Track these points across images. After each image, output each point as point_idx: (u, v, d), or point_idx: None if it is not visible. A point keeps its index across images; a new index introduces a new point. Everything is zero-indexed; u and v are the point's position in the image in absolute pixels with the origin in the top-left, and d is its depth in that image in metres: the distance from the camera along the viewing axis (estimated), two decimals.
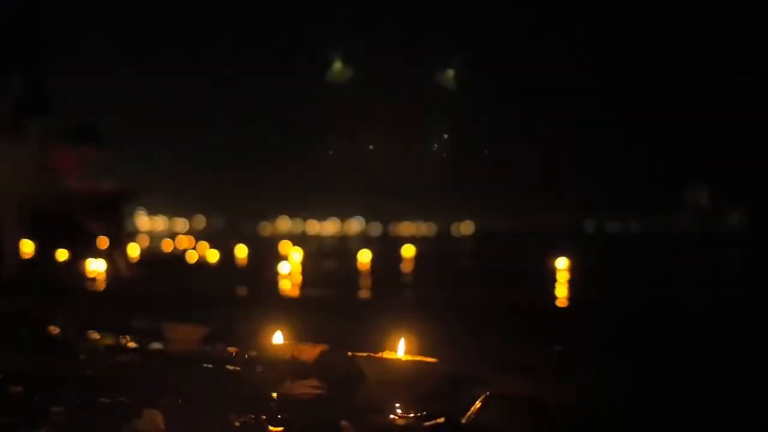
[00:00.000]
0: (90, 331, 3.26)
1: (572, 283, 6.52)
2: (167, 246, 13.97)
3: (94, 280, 6.39)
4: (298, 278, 6.77)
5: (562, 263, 7.58)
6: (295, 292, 5.71)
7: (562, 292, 5.93)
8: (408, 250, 11.40)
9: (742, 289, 6.84)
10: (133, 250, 9.66)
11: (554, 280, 6.65)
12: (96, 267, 6.98)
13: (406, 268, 9.21)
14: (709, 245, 19.06)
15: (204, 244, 11.98)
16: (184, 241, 15.43)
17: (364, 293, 6.07)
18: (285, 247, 11.63)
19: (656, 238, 27.46)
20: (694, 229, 29.53)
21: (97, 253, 7.75)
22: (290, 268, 7.25)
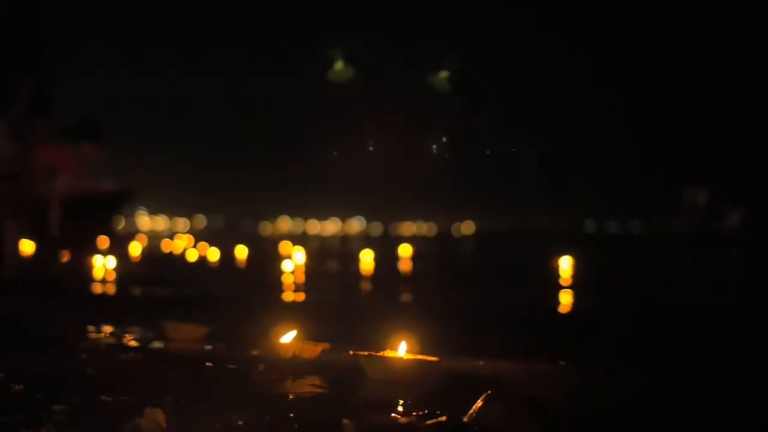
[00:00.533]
0: (91, 330, 3.26)
1: (576, 284, 6.46)
2: (167, 246, 13.96)
3: (95, 278, 6.39)
4: (301, 277, 6.76)
5: (565, 263, 7.47)
6: (297, 291, 5.69)
7: (565, 291, 5.89)
8: (405, 250, 11.37)
9: (742, 290, 6.82)
10: (135, 249, 9.68)
11: (558, 280, 6.58)
12: (99, 265, 6.99)
13: (406, 267, 9.20)
14: (709, 245, 19.04)
15: (204, 245, 11.96)
16: (183, 241, 15.42)
17: (365, 293, 6.06)
18: (285, 247, 11.63)
19: (656, 238, 27.42)
20: (694, 228, 29.49)
21: (97, 252, 7.76)
22: (293, 267, 7.23)
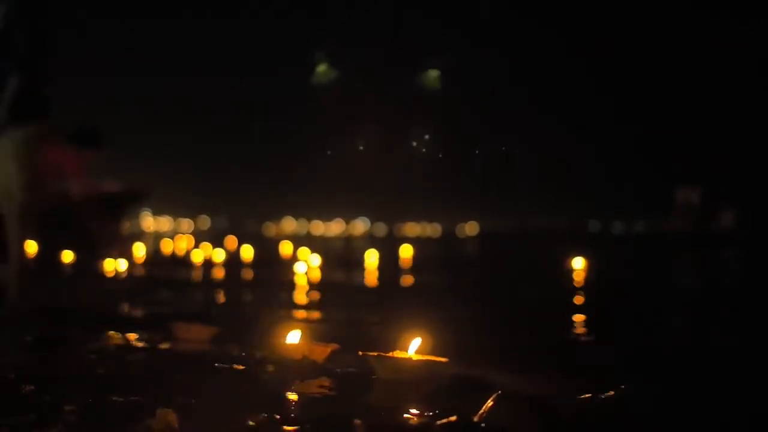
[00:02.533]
0: (100, 331, 3.26)
1: (588, 284, 6.32)
2: (167, 247, 13.94)
3: (102, 279, 6.39)
4: (314, 278, 6.73)
5: (578, 263, 7.24)
6: (307, 292, 5.66)
7: (577, 292, 5.81)
8: (406, 251, 11.33)
9: (744, 292, 6.74)
10: (138, 250, 9.68)
11: (571, 282, 6.42)
12: (108, 266, 7.00)
13: (411, 268, 9.17)
14: (708, 245, 18.92)
15: (207, 245, 11.96)
16: (183, 241, 15.41)
17: (372, 293, 6.04)
18: (286, 247, 11.62)
19: (656, 238, 27.31)
20: (685, 228, 29.37)
21: (102, 253, 7.76)
22: (306, 269, 7.18)
